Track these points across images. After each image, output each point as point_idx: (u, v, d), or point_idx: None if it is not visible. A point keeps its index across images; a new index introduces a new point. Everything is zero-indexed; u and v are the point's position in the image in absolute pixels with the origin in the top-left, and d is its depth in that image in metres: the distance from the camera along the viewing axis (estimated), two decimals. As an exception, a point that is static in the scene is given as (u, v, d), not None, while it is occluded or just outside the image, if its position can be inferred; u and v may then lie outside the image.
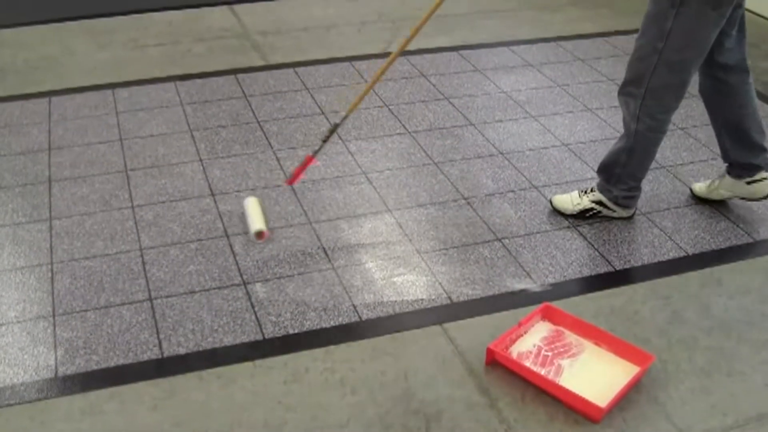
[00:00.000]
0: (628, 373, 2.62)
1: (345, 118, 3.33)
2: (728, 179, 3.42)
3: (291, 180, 3.37)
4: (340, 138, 3.96)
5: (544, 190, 3.60)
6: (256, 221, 3.24)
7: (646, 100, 3.05)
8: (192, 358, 2.69)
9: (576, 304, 2.96)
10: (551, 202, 3.46)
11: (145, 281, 3.02)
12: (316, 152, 3.31)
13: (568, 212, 3.40)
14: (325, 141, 3.30)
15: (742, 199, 3.45)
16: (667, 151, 3.93)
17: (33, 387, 2.57)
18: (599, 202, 3.36)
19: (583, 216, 3.38)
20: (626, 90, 3.12)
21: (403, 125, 4.10)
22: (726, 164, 3.43)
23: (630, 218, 3.41)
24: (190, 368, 2.65)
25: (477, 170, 3.74)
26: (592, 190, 3.39)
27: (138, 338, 2.77)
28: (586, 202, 3.37)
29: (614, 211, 3.37)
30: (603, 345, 2.75)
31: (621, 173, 3.27)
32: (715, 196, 3.50)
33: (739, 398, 2.60)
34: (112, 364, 2.66)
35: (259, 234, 3.20)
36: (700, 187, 3.56)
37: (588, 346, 2.76)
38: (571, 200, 3.40)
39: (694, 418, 2.52)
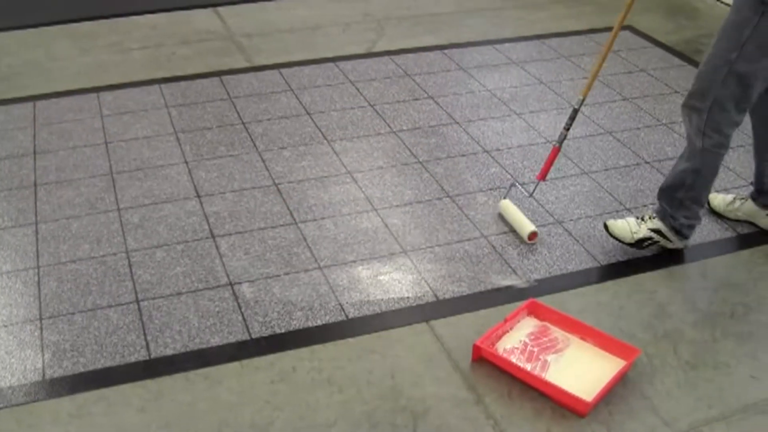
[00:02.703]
0: (614, 368, 2.63)
1: (582, 101, 3.30)
2: (751, 205, 3.34)
3: (541, 175, 3.36)
4: (325, 138, 3.97)
5: (528, 187, 3.61)
6: (524, 223, 3.30)
7: (712, 114, 2.87)
8: (179, 359, 2.70)
9: (562, 299, 2.97)
10: (606, 227, 3.23)
11: (131, 283, 3.02)
12: (561, 142, 3.34)
13: (626, 242, 3.19)
14: (567, 129, 3.33)
15: (751, 224, 3.38)
16: (651, 146, 3.95)
17: (20, 390, 2.57)
18: (658, 231, 3.15)
19: (640, 246, 3.19)
20: (690, 103, 2.94)
21: (388, 124, 4.11)
22: (754, 189, 3.31)
23: (685, 248, 3.23)
24: (178, 369, 2.65)
25: (462, 168, 3.75)
26: (650, 218, 3.17)
27: (125, 340, 2.77)
28: (644, 230, 3.16)
29: (671, 241, 3.16)
30: (589, 340, 2.76)
31: (684, 197, 3.07)
32: (730, 215, 3.40)
33: (724, 391, 2.61)
34: (100, 366, 2.66)
35: (532, 235, 3.26)
36: (718, 202, 3.45)
37: (574, 341, 2.77)
38: (629, 228, 3.18)
39: (680, 411, 2.53)
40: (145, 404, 2.52)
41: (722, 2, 5.69)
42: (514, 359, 2.67)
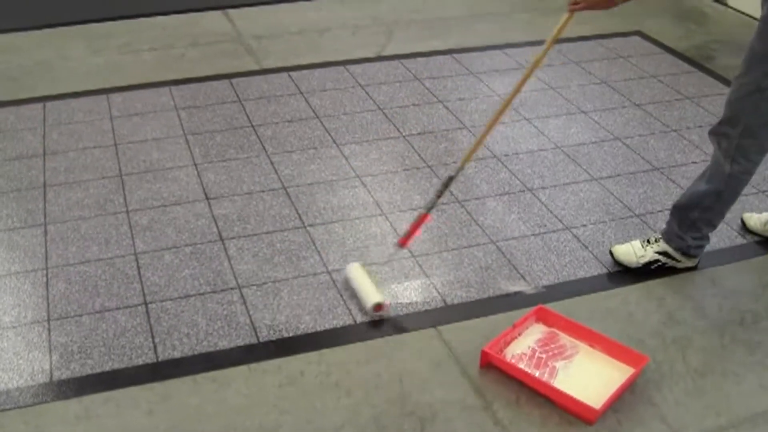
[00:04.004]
0: (623, 375, 2.62)
1: (460, 170, 3.02)
2: None
3: (404, 240, 3.05)
4: (335, 142, 3.97)
5: (538, 192, 3.61)
6: (370, 292, 2.96)
7: (743, 140, 2.83)
8: (187, 362, 2.70)
9: (570, 306, 2.96)
10: (612, 254, 3.19)
11: (140, 285, 3.03)
12: (430, 208, 3.03)
13: (632, 266, 3.15)
14: (438, 196, 3.03)
15: None
16: (660, 152, 3.95)
17: (28, 391, 2.57)
18: (664, 253, 3.11)
19: (647, 269, 3.15)
20: (721, 129, 2.89)
21: (397, 129, 4.11)
22: None
23: (694, 268, 3.18)
24: (185, 372, 2.65)
25: (471, 173, 3.75)
26: (656, 241, 3.14)
27: (133, 342, 2.77)
28: (650, 253, 3.12)
29: (680, 261, 3.13)
30: (597, 346, 2.75)
31: (698, 218, 3.03)
32: (766, 233, 3.39)
33: (732, 399, 2.61)
34: (107, 369, 2.67)
35: (377, 307, 2.91)
36: (754, 222, 3.40)
37: (582, 347, 2.76)
38: (634, 253, 3.14)
39: (689, 418, 2.53)
40: (152, 407, 2.52)
41: (731, 8, 5.68)
42: (522, 365, 2.66)
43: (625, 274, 3.14)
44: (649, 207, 3.54)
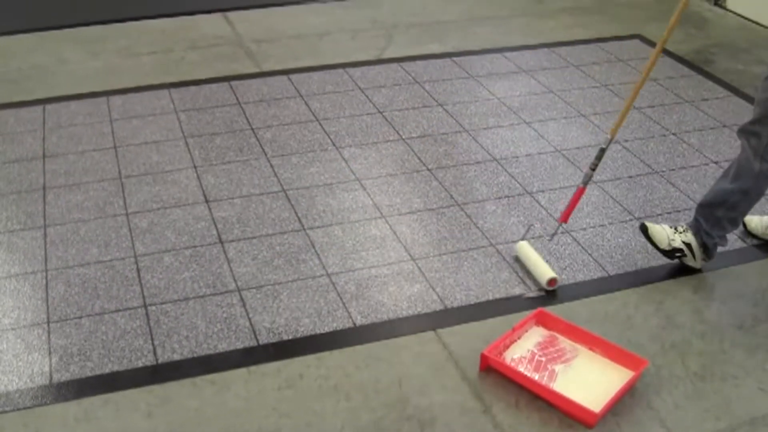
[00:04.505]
0: (622, 378, 2.63)
1: (611, 141, 3.12)
2: None
3: (564, 217, 3.16)
4: (334, 145, 3.97)
5: (537, 195, 3.61)
6: (543, 268, 3.10)
7: None
8: (186, 365, 2.70)
9: (570, 309, 2.96)
10: (644, 229, 3.17)
11: (139, 288, 3.03)
12: (586, 182, 3.11)
13: (661, 246, 3.14)
14: (593, 169, 3.11)
15: None
16: (660, 156, 3.95)
17: (28, 394, 2.57)
18: (688, 245, 3.11)
19: (672, 255, 3.15)
20: (752, 128, 2.89)
21: (397, 132, 4.11)
22: None
23: (699, 270, 3.18)
24: (185, 375, 2.65)
25: (471, 176, 3.75)
26: (684, 231, 3.13)
27: (132, 345, 2.77)
28: (678, 241, 3.11)
29: (694, 259, 3.13)
30: (597, 350, 2.75)
31: (723, 216, 3.03)
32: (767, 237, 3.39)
33: (732, 402, 2.61)
34: (107, 371, 2.66)
35: (552, 281, 3.06)
36: (755, 224, 3.40)
37: (582, 351, 2.77)
38: (666, 236, 3.13)
39: (688, 422, 2.53)
40: (151, 409, 2.52)
41: (731, 12, 5.68)
42: (521, 369, 2.66)
43: (624, 277, 3.15)
44: (648, 210, 3.54)
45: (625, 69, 4.88)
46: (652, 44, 5.24)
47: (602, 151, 3.12)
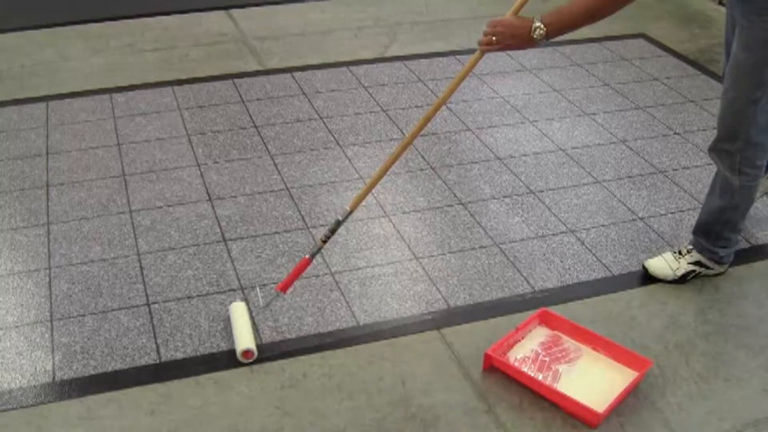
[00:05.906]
0: (626, 379, 2.62)
1: (350, 213, 2.86)
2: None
3: (284, 287, 2.84)
4: (337, 143, 3.97)
5: (541, 195, 3.60)
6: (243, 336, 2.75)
7: (745, 152, 2.81)
8: (189, 363, 2.69)
9: (573, 309, 2.96)
10: (646, 269, 3.14)
11: (142, 286, 3.02)
12: (314, 255, 2.85)
13: (668, 279, 3.10)
14: (325, 241, 2.85)
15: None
16: (664, 155, 3.94)
17: (31, 392, 2.57)
18: (698, 263, 3.09)
19: (684, 280, 3.10)
20: (720, 147, 2.87)
21: (401, 130, 4.10)
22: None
23: (724, 273, 3.16)
24: (188, 373, 2.65)
25: (474, 175, 3.74)
26: (688, 252, 3.10)
27: (135, 343, 2.76)
28: (684, 265, 3.08)
29: (713, 269, 3.11)
30: (600, 350, 2.75)
31: (722, 229, 3.02)
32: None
33: (736, 404, 2.60)
34: (110, 369, 2.66)
35: (246, 353, 2.70)
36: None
37: (586, 351, 2.76)
38: (669, 266, 3.10)
39: (692, 423, 2.52)
40: (155, 408, 2.52)
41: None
42: (525, 369, 2.66)
43: (628, 277, 3.14)
44: (652, 210, 3.53)
45: (630, 68, 4.87)
46: (657, 43, 5.24)
47: (338, 223, 2.83)
